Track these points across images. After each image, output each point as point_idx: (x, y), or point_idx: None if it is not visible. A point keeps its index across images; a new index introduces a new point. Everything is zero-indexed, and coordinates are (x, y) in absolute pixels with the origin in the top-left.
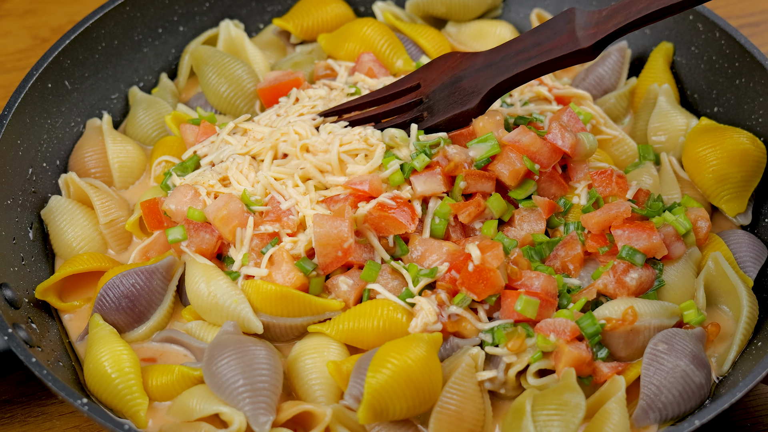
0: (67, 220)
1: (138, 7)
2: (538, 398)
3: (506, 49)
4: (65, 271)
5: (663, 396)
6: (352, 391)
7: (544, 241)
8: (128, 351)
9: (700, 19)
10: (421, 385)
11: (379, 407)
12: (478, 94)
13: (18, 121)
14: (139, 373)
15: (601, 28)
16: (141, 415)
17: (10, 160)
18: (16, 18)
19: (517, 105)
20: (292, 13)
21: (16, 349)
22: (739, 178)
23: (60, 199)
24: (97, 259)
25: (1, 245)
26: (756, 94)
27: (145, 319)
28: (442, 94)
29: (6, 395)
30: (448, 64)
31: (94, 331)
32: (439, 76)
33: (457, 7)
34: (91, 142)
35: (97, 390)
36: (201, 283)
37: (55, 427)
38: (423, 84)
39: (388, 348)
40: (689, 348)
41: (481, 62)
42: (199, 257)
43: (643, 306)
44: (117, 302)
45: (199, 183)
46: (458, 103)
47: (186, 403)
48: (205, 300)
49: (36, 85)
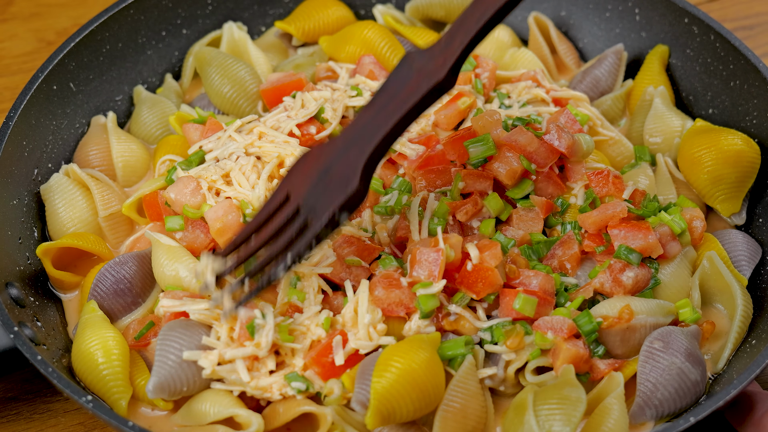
0: (64, 201)
1: (142, 11)
2: (539, 393)
3: (362, 119)
4: (72, 241)
5: (659, 393)
6: (359, 397)
7: (541, 240)
8: (118, 338)
9: (695, 22)
10: (426, 386)
11: (387, 411)
12: (355, 173)
13: (24, 123)
14: (126, 361)
15: (448, 54)
16: (122, 404)
17: (16, 160)
18: (22, 21)
19: (515, 107)
20: (293, 15)
21: (22, 347)
22: (733, 178)
23: (61, 178)
24: (102, 246)
25: (8, 245)
26: (750, 96)
27: (141, 302)
28: (316, 191)
29: (12, 392)
30: (308, 164)
31: (87, 317)
32: (304, 179)
33: (456, 10)
34: (95, 140)
35: (82, 373)
36: (166, 262)
37: (60, 423)
38: (292, 194)
39: (391, 351)
40: (685, 345)
41: (342, 143)
42: (163, 237)
43: (639, 304)
44: (115, 286)
45: (202, 177)
46: (338, 191)
47: (197, 407)
48: (168, 279)
49: (41, 87)
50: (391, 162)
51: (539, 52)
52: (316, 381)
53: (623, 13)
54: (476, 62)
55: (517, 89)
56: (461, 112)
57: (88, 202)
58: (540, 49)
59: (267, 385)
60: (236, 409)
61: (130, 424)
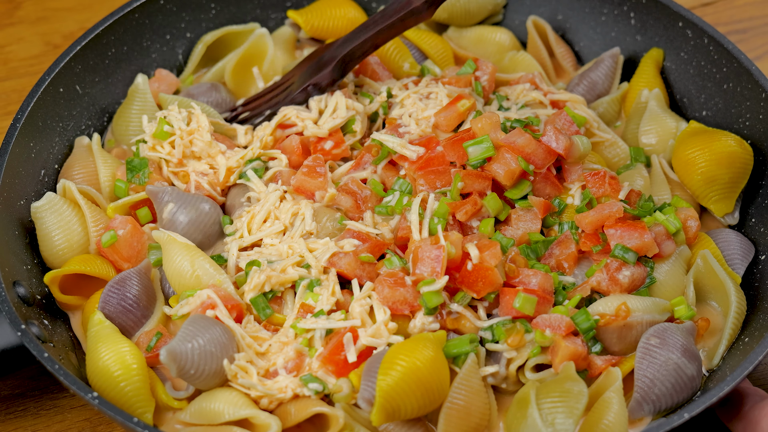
0: (58, 222)
1: (146, 15)
2: (541, 388)
3: (358, 28)
4: (80, 267)
5: (656, 388)
6: (364, 394)
7: (539, 240)
8: (134, 350)
9: (689, 26)
10: (430, 384)
11: (392, 408)
12: (332, 61)
13: (31, 125)
14: (145, 373)
15: None
16: (148, 417)
17: (23, 161)
18: (29, 25)
19: (514, 109)
20: (307, 9)
21: (29, 344)
22: (726, 179)
23: (53, 198)
24: (109, 269)
25: (15, 244)
26: (743, 98)
27: (150, 314)
28: (304, 75)
29: (19, 389)
30: (310, 58)
31: (96, 329)
32: (301, 67)
33: (459, 12)
34: (80, 161)
35: (102, 390)
36: (185, 261)
37: (66, 419)
38: (291, 77)
39: (397, 350)
40: (681, 341)
41: (339, 42)
42: (179, 237)
43: (636, 302)
44: (123, 303)
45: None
46: (315, 73)
47: (209, 406)
48: (188, 278)
49: (48, 89)
50: (392, 163)
51: (538, 56)
52: (329, 380)
53: (618, 17)
54: (476, 65)
55: (515, 92)
56: (461, 114)
57: (82, 225)
58: (539, 52)
59: (283, 386)
60: (254, 410)
61: (134, 420)
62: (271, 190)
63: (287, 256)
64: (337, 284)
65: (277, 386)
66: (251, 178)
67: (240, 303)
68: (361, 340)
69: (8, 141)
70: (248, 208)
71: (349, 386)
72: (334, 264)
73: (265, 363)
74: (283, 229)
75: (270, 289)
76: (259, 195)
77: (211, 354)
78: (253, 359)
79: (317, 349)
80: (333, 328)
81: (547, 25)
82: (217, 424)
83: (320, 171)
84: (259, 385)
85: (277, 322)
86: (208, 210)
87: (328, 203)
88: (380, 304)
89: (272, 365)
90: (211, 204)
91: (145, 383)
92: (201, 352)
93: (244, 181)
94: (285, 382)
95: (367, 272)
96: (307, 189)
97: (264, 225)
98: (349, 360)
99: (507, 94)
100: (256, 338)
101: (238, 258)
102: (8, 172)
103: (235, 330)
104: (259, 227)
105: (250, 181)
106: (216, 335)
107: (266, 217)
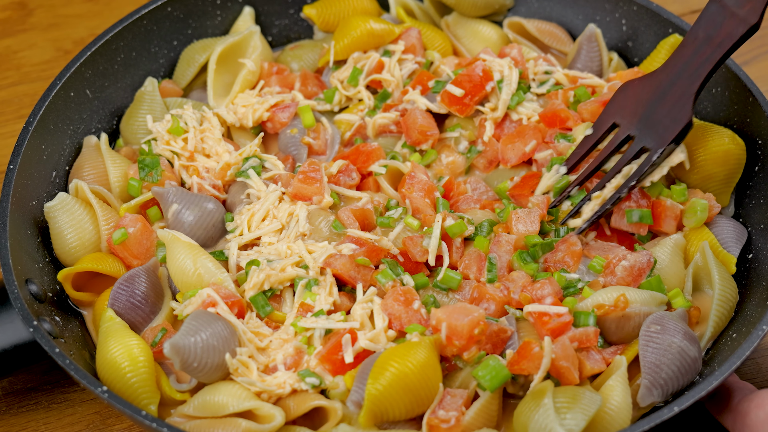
0: (71, 221)
1: (154, 21)
2: (558, 390)
3: (680, 59)
4: (93, 265)
5: (663, 372)
6: (353, 397)
7: (537, 243)
8: (142, 345)
9: (679, 32)
10: (418, 390)
11: (379, 412)
12: (685, 108)
13: (42, 128)
14: (152, 367)
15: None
16: (152, 409)
17: (35, 163)
18: (41, 31)
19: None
20: (321, 1)
21: (41, 340)
22: (722, 176)
23: (66, 198)
24: (120, 267)
25: (28, 243)
26: (731, 102)
27: (158, 310)
28: (649, 122)
29: (31, 383)
30: (629, 97)
31: (107, 325)
32: (630, 110)
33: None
34: (90, 162)
35: (109, 382)
36: (187, 260)
37: (77, 412)
38: (621, 123)
39: (389, 354)
40: (680, 326)
41: (666, 79)
42: (182, 236)
43: (634, 294)
44: (131, 300)
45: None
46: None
47: (212, 399)
48: (191, 276)
49: (59, 93)
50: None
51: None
52: (326, 376)
53: (610, 23)
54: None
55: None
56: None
57: (93, 224)
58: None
59: (281, 382)
60: (258, 402)
61: (143, 414)
62: (271, 190)
63: (286, 256)
64: (334, 285)
65: (276, 382)
66: (251, 176)
67: (241, 300)
68: (360, 343)
69: (21, 143)
70: (248, 205)
71: (344, 384)
72: (329, 264)
73: (265, 358)
74: (281, 227)
75: (269, 287)
76: (259, 193)
77: (213, 348)
78: (254, 354)
79: (316, 348)
80: (332, 328)
81: (524, 20)
82: (221, 417)
83: (316, 177)
84: (258, 382)
85: (277, 319)
86: (211, 209)
87: (323, 208)
88: (381, 311)
89: (272, 361)
90: (214, 203)
91: (152, 376)
92: (204, 346)
93: (243, 179)
94: (283, 377)
95: (362, 275)
96: (305, 195)
97: (263, 223)
98: (346, 361)
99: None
100: (258, 334)
101: (239, 257)
102: (21, 173)
103: (236, 325)
104: (258, 225)
105: (249, 179)
106: (218, 330)
107: (265, 216)
